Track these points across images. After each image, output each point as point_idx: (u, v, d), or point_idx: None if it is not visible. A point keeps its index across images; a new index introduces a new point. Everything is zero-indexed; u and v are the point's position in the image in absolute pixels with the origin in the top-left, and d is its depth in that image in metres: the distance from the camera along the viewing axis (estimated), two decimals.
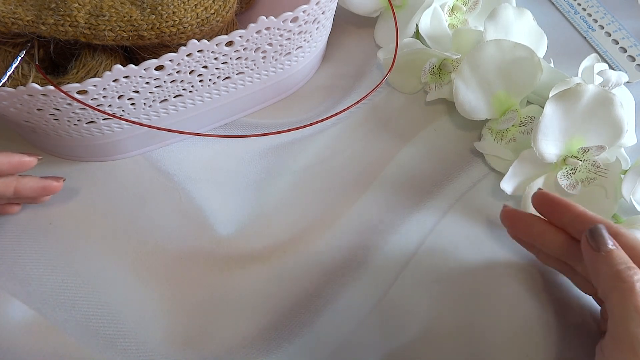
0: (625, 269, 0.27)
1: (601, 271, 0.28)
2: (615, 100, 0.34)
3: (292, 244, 0.36)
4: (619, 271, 0.27)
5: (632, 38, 0.47)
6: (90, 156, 0.38)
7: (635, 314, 0.25)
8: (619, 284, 0.27)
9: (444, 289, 0.34)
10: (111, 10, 0.32)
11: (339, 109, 0.41)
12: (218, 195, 0.38)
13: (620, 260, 0.27)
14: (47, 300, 0.33)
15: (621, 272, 0.27)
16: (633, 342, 0.25)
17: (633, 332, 0.25)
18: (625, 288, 0.26)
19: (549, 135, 0.34)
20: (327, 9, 0.36)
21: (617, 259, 0.27)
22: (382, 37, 0.45)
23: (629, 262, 0.27)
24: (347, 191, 0.38)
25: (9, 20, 0.31)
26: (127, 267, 0.35)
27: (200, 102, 0.37)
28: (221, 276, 0.34)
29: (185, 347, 0.32)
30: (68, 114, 0.32)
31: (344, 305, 0.34)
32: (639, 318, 0.25)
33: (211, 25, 0.34)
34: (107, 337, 0.32)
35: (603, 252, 0.28)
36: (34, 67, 0.33)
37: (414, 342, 0.33)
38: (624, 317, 0.26)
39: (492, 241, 0.36)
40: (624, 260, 0.27)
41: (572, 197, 0.36)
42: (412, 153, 0.40)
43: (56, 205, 0.37)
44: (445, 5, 0.42)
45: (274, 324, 0.33)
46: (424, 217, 0.37)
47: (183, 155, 0.39)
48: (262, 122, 0.41)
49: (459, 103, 0.38)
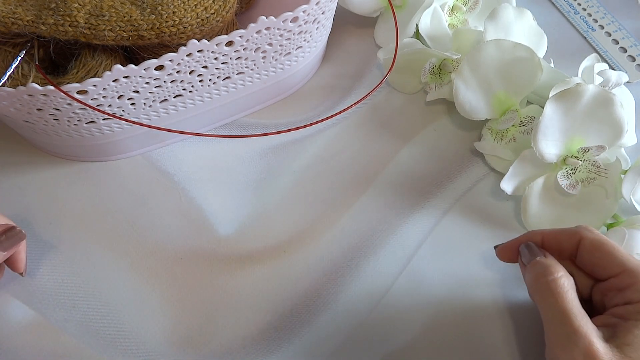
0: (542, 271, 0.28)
1: (527, 280, 0.29)
2: (615, 100, 0.34)
3: (292, 244, 0.36)
4: (536, 275, 0.28)
5: (632, 38, 0.47)
6: (90, 156, 0.38)
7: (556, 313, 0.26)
8: (536, 286, 0.28)
9: (444, 289, 0.34)
10: (111, 10, 0.32)
11: (339, 109, 0.41)
12: (218, 195, 0.38)
13: (540, 266, 0.28)
14: (47, 300, 0.33)
15: (538, 275, 0.28)
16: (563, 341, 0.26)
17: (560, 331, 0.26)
18: (542, 289, 0.27)
19: (549, 135, 0.34)
20: (327, 9, 0.36)
21: (537, 266, 0.28)
22: (382, 37, 0.45)
23: (550, 266, 0.28)
24: (347, 191, 0.38)
25: (9, 20, 0.31)
26: (127, 267, 0.35)
27: (200, 102, 0.37)
28: (221, 276, 0.34)
29: (185, 347, 0.32)
30: (68, 114, 0.32)
31: (344, 305, 0.34)
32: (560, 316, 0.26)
33: (211, 25, 0.34)
34: (107, 337, 0.32)
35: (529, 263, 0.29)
36: (34, 67, 0.33)
37: (413, 342, 0.33)
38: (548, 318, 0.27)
39: (492, 241, 0.36)
40: (544, 265, 0.28)
41: (572, 197, 0.36)
42: (412, 153, 0.40)
43: (56, 206, 0.37)
44: (445, 5, 0.42)
45: (274, 324, 0.33)
46: (424, 217, 0.37)
47: (183, 155, 0.39)
48: (262, 122, 0.41)
49: (459, 103, 0.38)
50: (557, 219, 0.36)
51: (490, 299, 0.34)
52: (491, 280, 0.35)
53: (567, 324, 0.26)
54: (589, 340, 0.25)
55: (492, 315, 0.34)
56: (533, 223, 0.36)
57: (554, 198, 0.36)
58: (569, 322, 0.26)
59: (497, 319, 0.33)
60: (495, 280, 0.35)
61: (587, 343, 0.25)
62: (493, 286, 0.35)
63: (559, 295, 0.26)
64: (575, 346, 0.25)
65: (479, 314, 0.34)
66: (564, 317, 0.26)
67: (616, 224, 0.36)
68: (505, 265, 0.35)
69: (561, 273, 0.27)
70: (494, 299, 0.34)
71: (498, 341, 0.33)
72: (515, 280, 0.35)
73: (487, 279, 0.35)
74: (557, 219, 0.36)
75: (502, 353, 0.32)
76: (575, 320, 0.25)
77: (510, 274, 0.35)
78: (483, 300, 0.34)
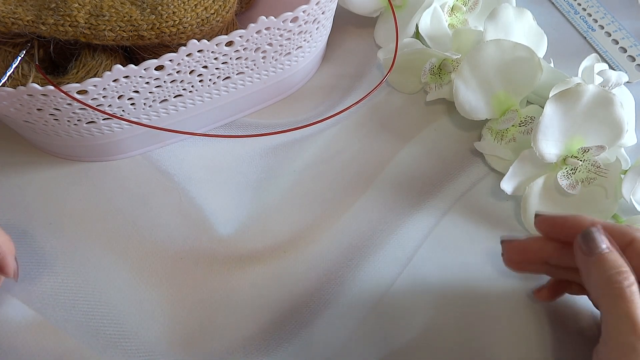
0: (615, 274, 0.26)
1: (592, 276, 0.27)
2: (615, 100, 0.34)
3: (292, 244, 0.36)
4: (609, 276, 0.26)
5: (632, 38, 0.47)
6: (90, 156, 0.38)
7: (625, 321, 0.25)
8: (608, 289, 0.26)
9: (444, 289, 0.34)
10: (111, 10, 0.32)
11: (339, 109, 0.41)
12: (218, 195, 0.38)
13: (612, 265, 0.26)
14: (47, 300, 0.33)
15: (611, 277, 0.26)
16: (624, 349, 0.25)
17: (623, 339, 0.25)
18: (615, 294, 0.26)
19: (549, 135, 0.34)
20: (327, 9, 0.36)
21: (608, 263, 0.26)
22: (382, 37, 0.45)
23: (621, 266, 0.26)
24: (347, 191, 0.38)
25: (9, 20, 0.31)
26: (127, 267, 0.35)
27: (200, 102, 0.37)
28: (221, 276, 0.34)
29: (185, 347, 0.32)
30: (68, 114, 0.32)
31: (344, 305, 0.34)
32: (629, 323, 0.25)
33: (211, 25, 0.34)
34: (107, 337, 0.32)
35: (594, 256, 0.27)
36: (34, 67, 0.33)
37: (413, 342, 0.33)
38: (614, 324, 0.25)
39: (492, 241, 0.36)
40: (615, 264, 0.26)
41: (572, 197, 0.36)
42: (412, 153, 0.40)
43: (56, 206, 0.37)
44: (445, 5, 0.42)
45: (274, 324, 0.33)
46: (424, 217, 0.37)
47: (183, 155, 0.39)
48: (262, 122, 0.41)
49: (459, 103, 0.38)
50: None
51: (490, 298, 0.34)
52: (491, 280, 0.35)
53: (634, 332, 0.25)
54: None
55: (492, 315, 0.34)
56: (533, 223, 0.36)
57: (554, 198, 0.36)
58: (636, 331, 0.24)
59: (497, 319, 0.33)
60: (495, 280, 0.35)
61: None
62: (493, 286, 0.35)
63: (633, 303, 0.25)
64: (637, 355, 0.24)
65: (479, 314, 0.34)
66: (632, 325, 0.25)
67: None
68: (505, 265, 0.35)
69: (633, 278, 0.26)
70: (494, 298, 0.34)
71: (498, 341, 0.33)
72: (515, 280, 0.35)
73: (487, 279, 0.35)
74: None
75: (502, 353, 0.32)
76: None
77: (510, 274, 0.35)
78: (483, 300, 0.34)
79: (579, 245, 0.28)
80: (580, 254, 0.28)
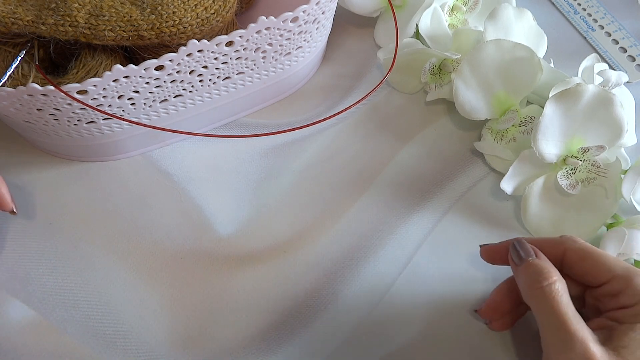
0: (537, 276, 0.27)
1: (520, 284, 0.29)
2: (615, 100, 0.34)
3: (292, 244, 0.36)
4: (532, 280, 0.28)
5: (632, 38, 0.47)
6: (90, 156, 0.38)
7: (553, 318, 0.26)
8: (532, 292, 0.27)
9: (444, 289, 0.34)
10: (111, 10, 0.32)
11: (339, 109, 0.41)
12: (218, 195, 0.38)
13: (535, 269, 0.28)
14: (47, 300, 0.33)
15: (533, 280, 0.27)
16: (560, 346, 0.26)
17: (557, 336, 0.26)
18: (538, 295, 0.27)
19: (549, 135, 0.34)
20: (327, 9, 0.36)
21: (532, 268, 0.28)
22: (382, 37, 0.45)
23: (544, 269, 0.28)
24: (347, 191, 0.38)
25: (9, 20, 0.31)
26: (127, 267, 0.35)
27: (200, 102, 0.37)
28: (221, 276, 0.34)
29: (185, 347, 0.32)
30: (68, 114, 0.32)
31: (344, 305, 0.34)
32: (557, 321, 0.26)
33: (211, 25, 0.34)
34: (107, 337, 0.32)
35: (522, 264, 0.29)
36: (34, 67, 0.33)
37: (413, 342, 0.33)
38: (545, 324, 0.27)
39: (492, 241, 0.36)
40: (538, 268, 0.28)
41: (572, 197, 0.36)
42: (412, 153, 0.40)
43: (56, 206, 0.37)
44: (445, 5, 0.42)
45: (274, 324, 0.33)
46: (424, 217, 0.37)
47: (183, 155, 0.39)
48: (262, 122, 0.41)
49: (459, 103, 0.38)
50: (557, 219, 0.36)
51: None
52: (491, 280, 0.35)
53: (563, 328, 0.26)
54: (586, 345, 0.25)
55: None
56: (533, 223, 0.36)
57: (554, 198, 0.36)
58: (565, 327, 0.26)
59: None
60: (495, 280, 0.35)
61: (584, 347, 0.25)
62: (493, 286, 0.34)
63: (554, 300, 0.26)
64: (572, 351, 0.25)
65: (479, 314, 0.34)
66: (560, 322, 0.26)
67: (616, 224, 0.36)
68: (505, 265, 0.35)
69: (555, 277, 0.27)
70: None
71: (498, 341, 0.33)
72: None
73: (487, 279, 0.35)
74: (557, 219, 0.36)
75: (502, 353, 0.32)
76: (571, 325, 0.26)
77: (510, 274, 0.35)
78: (483, 300, 0.34)
79: (510, 258, 0.30)
80: (512, 265, 0.30)
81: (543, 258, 0.29)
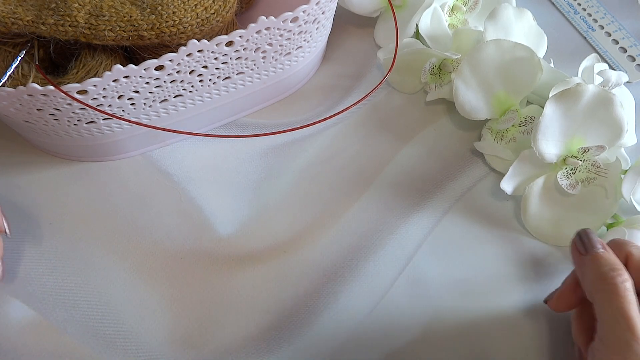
0: (609, 271, 0.27)
1: (586, 274, 0.28)
2: (615, 100, 0.34)
3: (292, 244, 0.36)
4: (603, 273, 0.27)
5: (632, 38, 0.47)
6: (90, 156, 0.38)
7: (619, 317, 0.25)
8: (601, 285, 0.27)
9: (444, 289, 0.34)
10: (111, 10, 0.32)
11: (339, 109, 0.41)
12: (218, 195, 0.38)
13: (606, 262, 0.27)
14: (47, 300, 0.33)
15: (605, 273, 0.27)
16: (618, 345, 0.25)
17: (619, 335, 0.25)
18: (608, 290, 0.26)
19: (549, 135, 0.34)
20: (327, 9, 0.36)
21: (602, 261, 0.27)
22: (382, 37, 0.45)
23: (615, 263, 0.27)
24: (347, 191, 0.38)
25: (9, 20, 0.31)
26: (127, 267, 0.35)
27: (200, 102, 0.37)
28: (221, 276, 0.34)
29: (185, 347, 0.32)
30: (68, 114, 0.32)
31: (344, 305, 0.34)
32: (623, 321, 0.25)
33: (211, 25, 0.34)
34: (107, 337, 0.32)
35: (589, 254, 0.28)
36: (34, 67, 0.33)
37: (413, 342, 0.33)
38: (608, 321, 0.26)
39: (492, 241, 0.36)
40: (609, 262, 0.27)
41: (572, 197, 0.36)
42: (412, 153, 0.40)
43: (56, 206, 0.37)
44: (445, 5, 0.42)
45: (274, 324, 0.33)
46: (424, 217, 0.37)
47: (183, 155, 0.39)
48: (262, 122, 0.41)
49: (459, 103, 0.38)
50: (557, 219, 0.36)
51: (490, 298, 0.34)
52: (491, 279, 0.35)
53: (629, 329, 0.25)
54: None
55: (492, 316, 0.34)
56: (533, 223, 0.36)
57: (554, 198, 0.36)
58: (631, 328, 0.25)
59: (497, 319, 0.33)
60: (495, 280, 0.35)
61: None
62: (493, 286, 0.35)
63: (626, 299, 0.26)
64: (633, 352, 0.24)
65: (479, 314, 0.34)
66: (627, 322, 0.25)
67: (616, 224, 0.36)
68: (505, 265, 0.35)
69: (627, 275, 0.27)
70: (494, 298, 0.34)
71: (498, 341, 0.33)
72: (515, 281, 0.35)
73: (486, 279, 0.35)
74: (557, 219, 0.36)
75: (502, 353, 0.32)
76: (637, 327, 0.25)
77: (510, 274, 0.35)
78: (483, 300, 0.34)
79: (575, 246, 0.29)
80: (576, 254, 0.29)
81: (611, 252, 0.28)
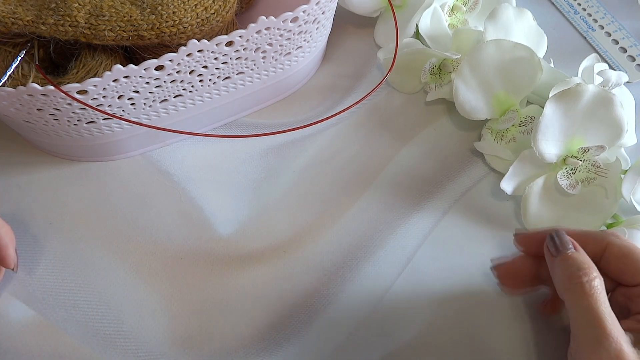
0: (576, 271, 0.27)
1: (556, 275, 0.28)
2: (615, 100, 0.34)
3: (292, 244, 0.36)
4: (571, 273, 0.27)
5: (632, 38, 0.47)
6: (90, 156, 0.38)
7: (588, 315, 0.26)
8: (570, 286, 0.27)
9: (444, 289, 0.34)
10: (111, 10, 0.32)
11: (339, 109, 0.41)
12: (218, 195, 0.38)
13: (574, 262, 0.27)
14: (47, 300, 0.33)
15: (572, 274, 0.27)
16: (590, 343, 0.25)
17: (589, 333, 0.25)
18: (576, 289, 0.27)
19: (549, 135, 0.34)
20: (327, 9, 0.36)
21: (570, 261, 0.28)
22: (382, 37, 0.45)
23: (583, 263, 0.27)
24: (347, 191, 0.38)
25: (9, 20, 0.31)
26: (127, 267, 0.35)
27: (200, 102, 0.37)
28: (221, 276, 0.34)
29: (185, 347, 0.32)
30: (68, 114, 0.32)
31: (344, 305, 0.34)
32: (592, 318, 0.25)
33: (211, 25, 0.34)
34: (107, 337, 0.32)
35: (559, 255, 0.28)
36: (34, 67, 0.33)
37: (413, 342, 0.33)
38: (579, 319, 0.26)
39: (492, 241, 0.36)
40: (577, 262, 0.27)
41: (572, 197, 0.36)
42: (412, 153, 0.40)
43: (56, 206, 0.37)
44: (445, 5, 0.42)
45: (274, 324, 0.33)
46: (424, 217, 0.37)
47: (183, 155, 0.39)
48: (262, 122, 0.41)
49: (459, 103, 0.38)
50: (557, 219, 0.36)
51: (490, 298, 0.34)
52: (491, 279, 0.35)
53: (598, 327, 0.25)
54: (619, 345, 0.25)
55: (492, 315, 0.34)
56: (533, 223, 0.36)
57: (554, 198, 0.36)
58: (600, 325, 0.25)
59: (497, 319, 0.33)
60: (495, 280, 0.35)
61: (617, 348, 0.25)
62: (493, 286, 0.35)
63: (593, 297, 0.26)
64: (605, 350, 0.25)
65: (479, 314, 0.34)
66: (596, 320, 0.25)
67: (616, 224, 0.36)
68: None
69: (595, 274, 0.27)
70: (494, 298, 0.34)
71: (498, 341, 0.33)
72: None
73: (487, 279, 0.35)
74: (557, 219, 0.36)
75: (503, 353, 0.32)
76: (607, 324, 0.25)
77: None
78: (483, 300, 0.34)
79: (547, 247, 0.29)
80: (548, 255, 0.29)
81: (582, 252, 0.28)
